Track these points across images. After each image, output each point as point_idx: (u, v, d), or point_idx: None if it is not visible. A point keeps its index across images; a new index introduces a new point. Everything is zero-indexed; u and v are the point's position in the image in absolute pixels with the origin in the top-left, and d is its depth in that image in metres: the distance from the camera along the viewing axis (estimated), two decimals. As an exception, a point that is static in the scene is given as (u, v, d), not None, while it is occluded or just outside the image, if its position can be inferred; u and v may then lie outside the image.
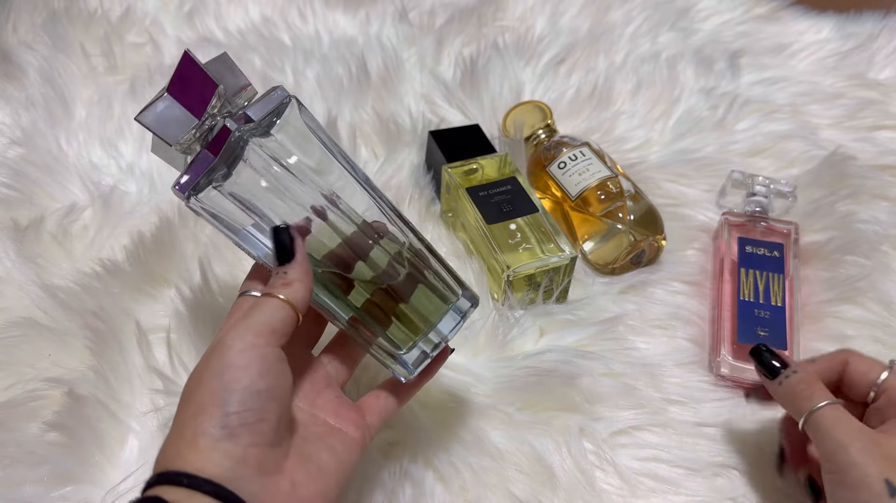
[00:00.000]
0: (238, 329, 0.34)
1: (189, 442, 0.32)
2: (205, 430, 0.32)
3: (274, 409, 0.34)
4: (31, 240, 0.59)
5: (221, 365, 0.33)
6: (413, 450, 0.48)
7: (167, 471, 0.31)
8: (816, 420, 0.39)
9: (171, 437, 0.33)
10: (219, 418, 0.32)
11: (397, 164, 0.70)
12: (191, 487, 0.30)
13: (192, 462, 0.31)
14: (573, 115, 0.80)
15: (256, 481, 0.32)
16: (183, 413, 0.33)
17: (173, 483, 0.31)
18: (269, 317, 0.35)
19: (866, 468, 0.36)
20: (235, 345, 0.34)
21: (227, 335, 0.34)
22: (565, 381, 0.51)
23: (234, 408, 0.32)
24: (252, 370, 0.33)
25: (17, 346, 0.51)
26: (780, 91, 0.85)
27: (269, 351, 0.34)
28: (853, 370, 0.42)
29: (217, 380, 0.33)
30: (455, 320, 0.41)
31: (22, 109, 0.73)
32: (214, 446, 0.31)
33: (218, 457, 0.31)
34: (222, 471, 0.31)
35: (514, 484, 0.47)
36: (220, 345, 0.34)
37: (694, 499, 0.48)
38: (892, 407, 0.41)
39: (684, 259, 0.65)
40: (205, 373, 0.34)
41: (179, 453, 0.32)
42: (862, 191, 0.70)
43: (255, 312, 0.35)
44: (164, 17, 0.89)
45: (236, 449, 0.32)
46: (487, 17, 0.93)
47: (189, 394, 0.34)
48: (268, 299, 0.35)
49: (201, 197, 0.37)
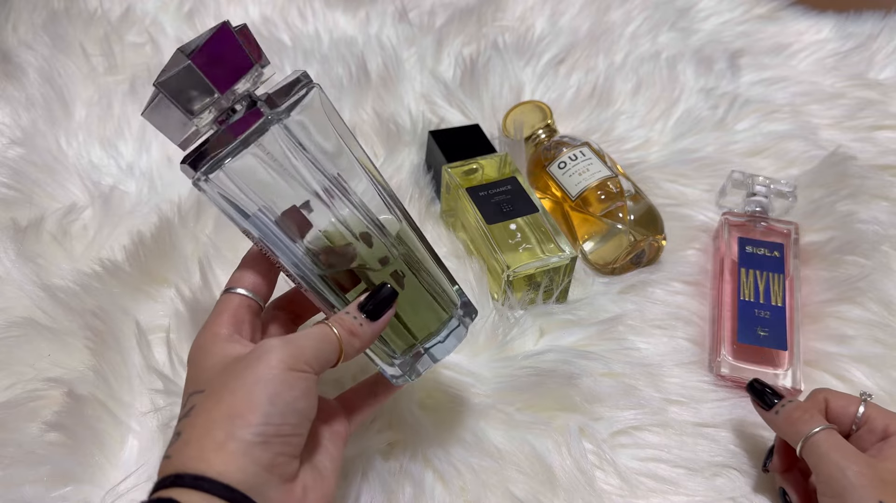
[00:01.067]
0: (291, 346, 0.35)
1: (218, 444, 0.32)
2: (239, 436, 0.32)
3: (305, 426, 0.35)
4: (30, 240, 0.59)
5: (270, 376, 0.33)
6: (413, 450, 0.48)
7: (183, 474, 0.31)
8: (814, 444, 0.41)
9: (195, 436, 0.32)
10: (256, 426, 0.32)
11: (397, 163, 0.70)
12: (209, 492, 0.30)
13: (214, 465, 0.31)
14: (573, 115, 0.80)
15: (276, 487, 0.33)
16: (215, 414, 0.33)
17: (190, 486, 0.30)
18: (321, 349, 0.36)
19: (863, 491, 0.38)
20: (287, 360, 0.34)
21: (285, 348, 0.35)
22: (565, 381, 0.51)
23: (275, 420, 0.33)
24: (297, 390, 0.34)
25: (16, 346, 0.51)
26: (780, 91, 0.85)
27: (312, 378, 0.35)
28: (833, 407, 0.45)
29: (261, 388, 0.33)
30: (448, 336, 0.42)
31: (22, 109, 0.72)
32: (245, 451, 0.32)
33: (246, 462, 0.32)
34: (246, 476, 0.31)
35: (514, 484, 0.47)
36: (271, 355, 0.34)
37: (694, 500, 0.48)
38: (873, 434, 0.43)
39: (684, 259, 0.65)
40: (249, 378, 0.34)
41: (202, 455, 0.31)
42: (862, 191, 0.70)
43: (312, 339, 0.36)
44: (163, 17, 0.89)
45: (265, 455, 0.32)
46: (487, 17, 0.93)
47: (223, 392, 0.34)
48: (328, 332, 0.36)
49: (213, 177, 0.36)
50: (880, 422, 0.43)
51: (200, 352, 0.37)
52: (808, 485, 0.46)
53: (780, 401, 0.45)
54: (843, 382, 0.55)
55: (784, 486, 0.46)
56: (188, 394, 0.36)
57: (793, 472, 0.46)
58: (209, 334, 0.38)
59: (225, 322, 0.38)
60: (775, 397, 0.45)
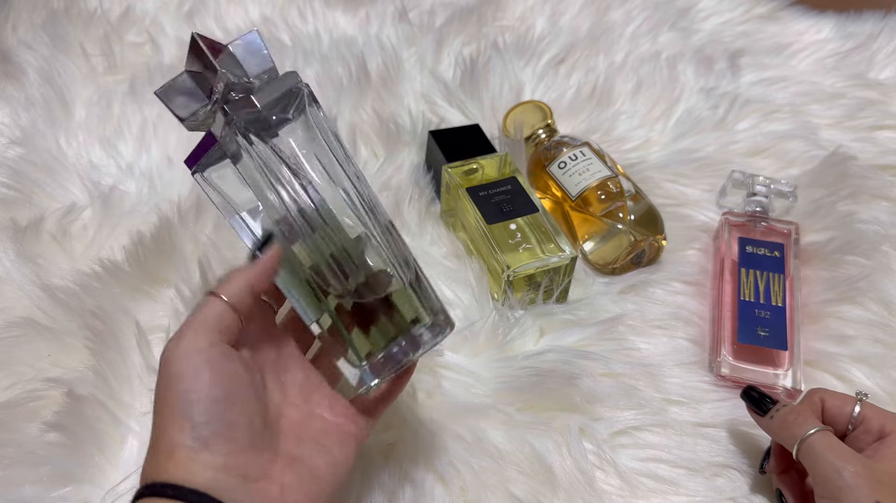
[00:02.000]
0: (177, 335, 0.34)
1: (167, 454, 0.31)
2: (180, 443, 0.31)
3: (241, 413, 0.33)
4: (30, 240, 0.59)
5: (169, 374, 0.33)
6: (413, 450, 0.48)
7: (153, 483, 0.31)
8: (809, 445, 0.41)
9: (150, 450, 0.33)
10: (189, 430, 0.32)
11: (397, 163, 0.70)
12: (176, 498, 0.30)
13: (174, 474, 0.31)
14: (573, 115, 0.80)
15: (242, 488, 0.32)
16: (155, 428, 0.33)
17: (159, 495, 0.30)
18: (203, 317, 0.34)
19: (859, 491, 0.38)
20: (178, 348, 0.33)
21: (169, 344, 0.34)
22: (565, 382, 0.51)
23: (200, 419, 0.32)
24: (203, 377, 0.33)
25: (16, 346, 0.51)
26: (781, 91, 0.85)
27: (213, 352, 0.33)
28: (829, 407, 0.45)
29: (173, 391, 0.32)
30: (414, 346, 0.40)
31: (21, 109, 0.72)
32: (193, 457, 0.31)
33: (198, 468, 0.31)
34: (205, 480, 0.31)
35: (514, 484, 0.47)
36: (164, 355, 0.34)
37: (694, 500, 0.48)
38: (869, 434, 0.43)
39: (684, 259, 0.65)
40: (160, 386, 0.33)
41: (161, 466, 0.31)
42: (862, 191, 0.70)
43: (192, 314, 0.35)
44: (163, 17, 0.89)
45: (215, 458, 0.32)
46: (487, 17, 0.93)
47: (157, 403, 0.33)
48: (209, 297, 0.35)
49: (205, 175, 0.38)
50: (876, 421, 0.43)
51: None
52: (804, 487, 0.46)
53: (774, 406, 0.45)
54: (843, 382, 0.55)
55: (781, 488, 0.46)
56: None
57: (789, 474, 0.46)
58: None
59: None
60: (770, 403, 0.46)
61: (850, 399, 0.44)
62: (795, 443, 0.42)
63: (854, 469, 0.39)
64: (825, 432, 0.41)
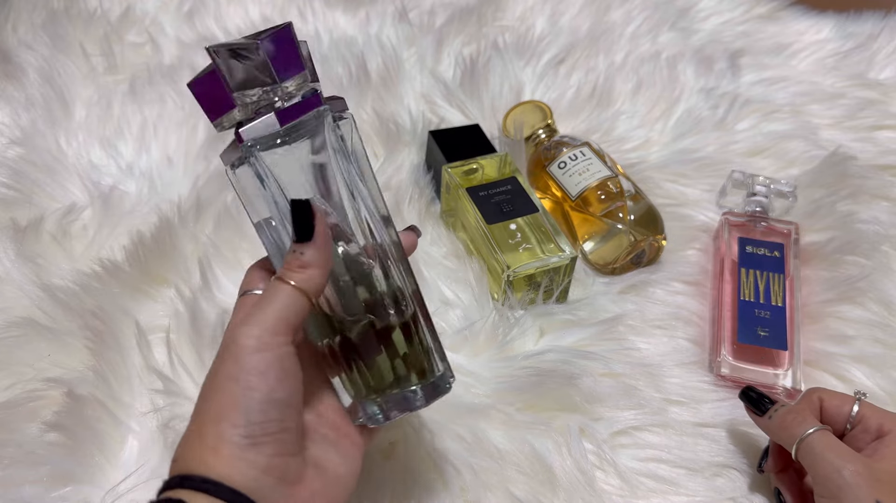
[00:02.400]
0: (251, 324, 0.32)
1: (212, 448, 0.31)
2: (228, 438, 0.31)
3: (294, 417, 0.33)
4: (30, 240, 0.59)
5: (238, 368, 0.31)
6: (413, 450, 0.48)
7: (192, 475, 0.30)
8: (808, 445, 0.41)
9: (190, 439, 0.32)
10: (242, 427, 0.31)
11: (397, 163, 0.70)
12: (215, 495, 0.29)
13: (215, 468, 0.30)
14: (573, 115, 0.80)
15: (278, 491, 0.32)
16: (202, 415, 0.32)
17: (197, 489, 0.30)
18: (283, 309, 0.32)
19: (859, 490, 0.38)
20: (249, 343, 0.32)
21: (240, 331, 0.32)
22: (565, 382, 0.51)
23: (256, 418, 0.31)
24: (271, 376, 0.32)
25: (16, 346, 0.51)
26: (781, 91, 0.85)
27: (284, 351, 0.32)
28: (828, 406, 0.45)
29: (235, 384, 0.31)
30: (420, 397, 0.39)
31: (21, 109, 0.72)
32: (239, 455, 0.31)
33: (243, 467, 0.30)
34: (246, 480, 0.30)
35: (514, 484, 0.47)
36: (233, 344, 0.32)
37: (694, 500, 0.48)
38: (867, 433, 0.43)
39: (684, 259, 0.65)
40: (221, 374, 0.32)
41: (202, 458, 0.31)
42: (862, 191, 0.70)
43: (267, 303, 0.33)
44: (163, 17, 0.89)
45: (260, 458, 0.31)
46: (487, 17, 0.93)
47: (208, 394, 0.32)
48: (280, 286, 0.33)
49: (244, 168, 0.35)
50: (874, 421, 0.43)
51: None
52: (802, 486, 0.46)
53: (773, 406, 0.45)
54: (843, 382, 0.55)
55: (779, 487, 0.46)
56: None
57: (787, 473, 0.46)
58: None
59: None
60: (768, 402, 0.46)
61: (849, 398, 0.44)
62: (794, 443, 0.42)
63: (854, 468, 0.39)
64: (824, 431, 0.41)
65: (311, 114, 0.36)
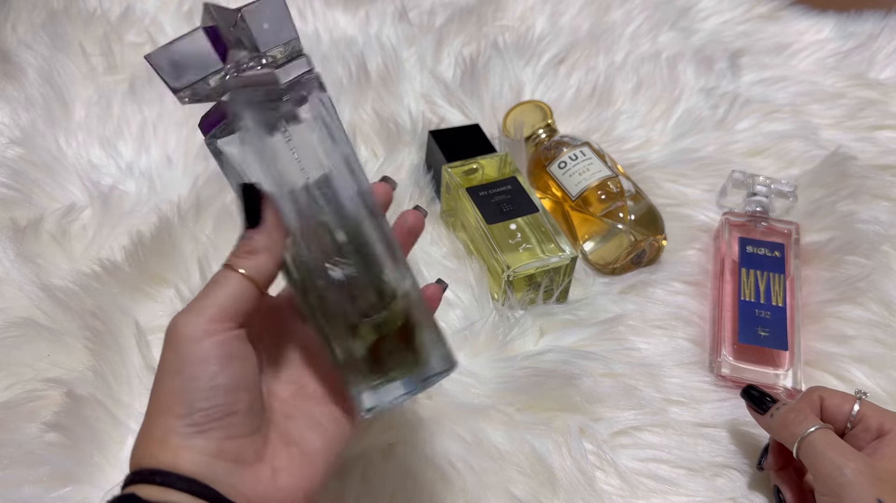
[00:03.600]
0: (191, 313, 0.31)
1: (159, 440, 0.30)
2: (174, 429, 0.30)
3: (242, 399, 0.32)
4: (30, 240, 0.59)
5: (178, 359, 0.31)
6: (413, 450, 0.48)
7: (141, 470, 0.30)
8: (810, 443, 0.41)
9: (140, 436, 0.31)
10: (185, 417, 0.30)
11: (397, 163, 0.70)
12: (165, 485, 0.29)
13: (163, 460, 0.30)
14: (573, 115, 0.79)
15: (234, 473, 0.31)
16: (150, 410, 0.31)
17: (148, 481, 0.30)
18: (227, 297, 0.32)
19: (861, 488, 0.38)
20: (188, 332, 0.31)
21: (180, 321, 0.31)
22: (565, 382, 0.51)
23: (200, 406, 0.30)
24: (211, 363, 0.31)
25: (16, 347, 0.51)
26: (781, 91, 0.85)
27: (227, 336, 0.32)
28: (828, 405, 0.45)
29: (177, 377, 0.31)
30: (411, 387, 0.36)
31: (21, 109, 0.72)
32: (185, 443, 0.30)
33: (191, 455, 0.30)
34: (197, 467, 0.30)
35: (514, 484, 0.47)
36: (172, 334, 0.31)
37: (694, 500, 0.48)
38: (868, 433, 0.43)
39: (685, 259, 0.65)
40: (163, 367, 0.31)
41: (151, 452, 0.30)
42: (862, 191, 0.70)
43: (212, 291, 0.32)
44: (163, 17, 0.89)
45: (209, 444, 0.31)
46: (487, 16, 0.93)
47: (154, 388, 0.32)
48: (227, 273, 0.32)
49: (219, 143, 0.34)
50: (875, 420, 0.43)
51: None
52: (802, 484, 0.46)
53: (774, 404, 0.45)
54: (843, 382, 0.55)
55: (778, 485, 0.46)
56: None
57: (787, 471, 0.46)
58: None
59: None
60: (769, 401, 0.46)
61: (849, 397, 0.44)
62: (795, 442, 0.42)
63: (855, 466, 0.39)
64: (825, 430, 0.41)
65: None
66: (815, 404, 0.45)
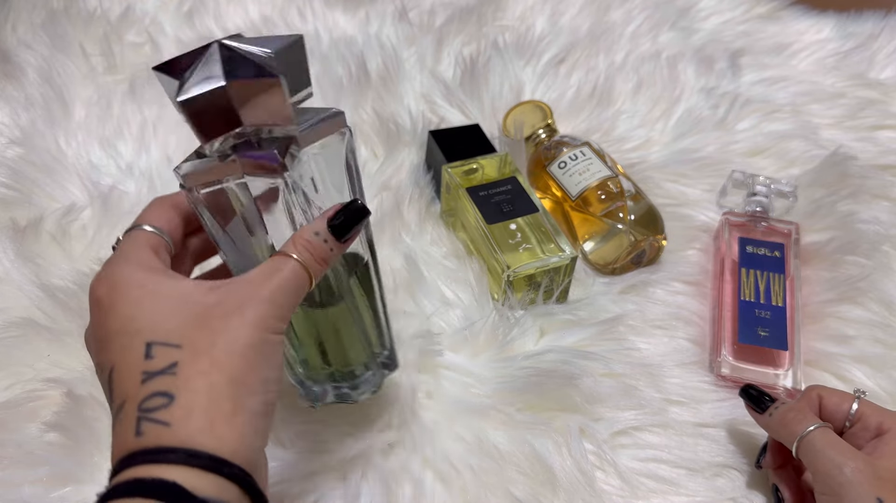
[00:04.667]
0: (276, 306, 0.32)
1: (227, 415, 0.29)
2: (248, 405, 0.30)
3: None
4: (29, 240, 0.59)
5: (259, 338, 0.31)
6: (413, 450, 0.48)
7: (200, 453, 0.28)
8: (809, 442, 0.41)
9: (198, 402, 0.29)
10: (261, 394, 0.31)
11: (397, 163, 0.70)
12: (223, 475, 0.28)
13: (227, 441, 0.29)
14: (573, 115, 0.79)
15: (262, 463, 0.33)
16: (212, 374, 0.29)
17: (207, 468, 0.28)
18: (297, 297, 0.33)
19: (861, 487, 0.38)
20: (270, 325, 0.31)
21: (266, 307, 0.31)
22: (565, 382, 0.51)
23: (273, 387, 0.32)
24: (278, 356, 0.32)
25: (16, 347, 0.51)
26: (781, 91, 0.84)
27: (282, 338, 0.33)
28: (827, 404, 0.45)
29: (256, 352, 0.31)
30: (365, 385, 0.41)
31: (21, 109, 0.72)
32: (253, 423, 0.30)
33: (253, 438, 0.30)
34: (251, 452, 0.30)
35: (514, 484, 0.47)
36: (254, 313, 0.31)
37: (694, 500, 0.48)
38: (867, 431, 0.43)
39: (685, 259, 0.65)
40: (237, 336, 0.30)
41: (214, 428, 0.28)
42: (863, 191, 0.70)
43: (294, 289, 0.33)
44: (163, 17, 0.88)
45: (268, 426, 0.32)
46: (487, 16, 0.93)
47: (214, 352, 0.30)
48: (300, 273, 0.33)
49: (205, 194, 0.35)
50: (874, 419, 0.43)
51: (135, 289, 0.31)
52: (800, 483, 0.46)
53: (773, 403, 0.45)
54: (843, 382, 0.55)
55: (777, 483, 0.46)
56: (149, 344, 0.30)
57: (786, 469, 0.46)
58: (133, 265, 0.32)
59: (151, 255, 0.33)
60: (768, 400, 0.46)
61: (848, 396, 0.44)
62: (795, 441, 0.42)
63: (855, 465, 0.39)
64: (825, 429, 0.41)
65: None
66: (813, 403, 0.45)
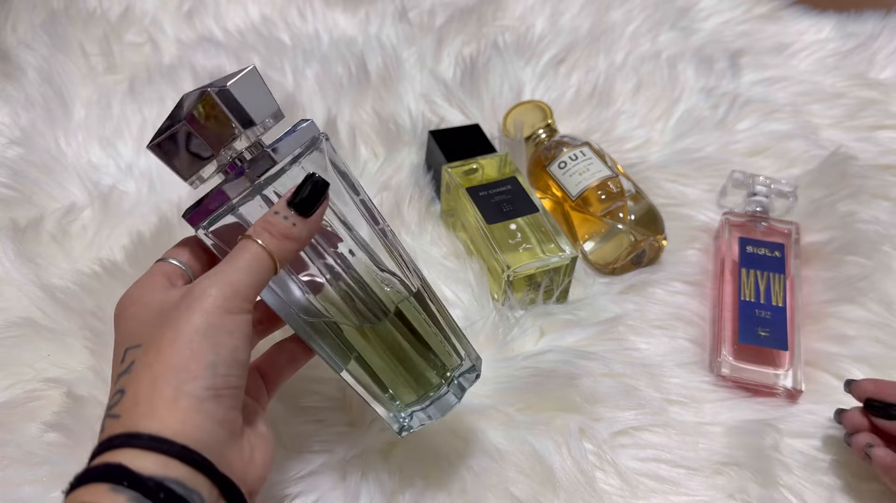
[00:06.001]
0: (223, 284, 0.32)
1: (169, 400, 0.30)
2: (188, 390, 0.30)
3: (247, 378, 0.33)
4: (30, 240, 0.59)
5: (207, 323, 0.31)
6: (413, 450, 0.48)
7: (141, 434, 0.29)
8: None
9: (142, 392, 0.30)
10: (204, 378, 0.30)
11: (397, 163, 0.70)
12: (168, 454, 0.29)
13: (170, 424, 0.29)
14: (573, 115, 0.79)
15: (230, 445, 0.32)
16: (155, 365, 0.30)
17: (147, 448, 0.29)
18: (257, 275, 0.33)
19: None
20: (222, 304, 0.32)
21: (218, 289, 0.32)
22: (565, 382, 0.51)
23: (221, 371, 0.31)
24: (237, 336, 0.32)
25: (16, 347, 0.51)
26: (781, 91, 0.84)
27: (249, 319, 0.33)
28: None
29: (201, 338, 0.31)
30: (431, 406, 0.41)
31: (21, 109, 0.72)
32: (198, 406, 0.30)
33: (200, 419, 0.30)
34: (203, 433, 0.30)
35: (514, 485, 0.47)
36: (204, 300, 0.31)
37: (695, 499, 0.48)
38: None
39: (685, 259, 0.65)
40: (184, 325, 0.31)
41: (155, 412, 0.29)
42: (863, 191, 0.70)
43: (245, 267, 0.33)
44: (163, 17, 0.89)
45: (219, 410, 0.31)
46: (487, 16, 0.93)
47: (161, 343, 0.31)
48: (257, 251, 0.33)
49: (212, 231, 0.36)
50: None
51: (134, 305, 0.34)
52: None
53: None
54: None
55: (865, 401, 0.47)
56: (124, 350, 0.33)
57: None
58: (141, 287, 0.35)
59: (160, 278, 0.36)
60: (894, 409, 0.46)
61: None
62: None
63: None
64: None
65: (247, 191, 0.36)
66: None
